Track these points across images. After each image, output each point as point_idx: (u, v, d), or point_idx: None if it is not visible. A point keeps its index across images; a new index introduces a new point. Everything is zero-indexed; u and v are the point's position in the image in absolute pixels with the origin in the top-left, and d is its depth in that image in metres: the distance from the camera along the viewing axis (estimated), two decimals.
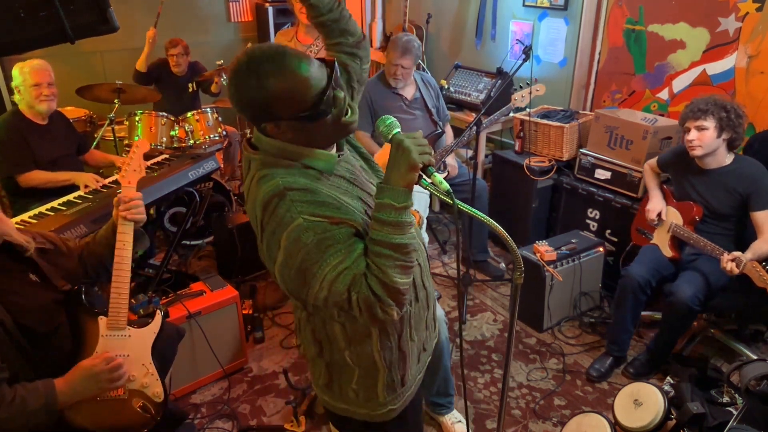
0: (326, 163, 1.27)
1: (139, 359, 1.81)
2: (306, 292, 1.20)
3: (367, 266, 1.18)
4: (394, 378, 1.43)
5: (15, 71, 2.97)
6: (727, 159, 2.65)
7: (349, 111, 1.26)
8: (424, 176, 1.21)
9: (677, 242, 2.79)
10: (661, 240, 2.85)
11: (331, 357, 1.41)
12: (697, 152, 2.60)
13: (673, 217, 2.80)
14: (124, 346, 1.80)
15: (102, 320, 1.80)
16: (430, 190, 1.22)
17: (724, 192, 2.63)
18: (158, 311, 1.91)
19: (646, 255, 2.84)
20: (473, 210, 1.24)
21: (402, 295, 1.19)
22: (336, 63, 1.23)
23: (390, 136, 1.23)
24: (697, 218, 2.70)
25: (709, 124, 2.53)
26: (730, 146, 2.62)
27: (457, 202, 1.21)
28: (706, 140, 2.56)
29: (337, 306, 1.21)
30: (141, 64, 4.22)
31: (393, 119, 1.27)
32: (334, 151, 1.32)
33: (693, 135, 2.57)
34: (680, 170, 2.79)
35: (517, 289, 1.37)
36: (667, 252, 2.79)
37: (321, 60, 1.23)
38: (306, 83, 1.17)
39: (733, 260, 2.41)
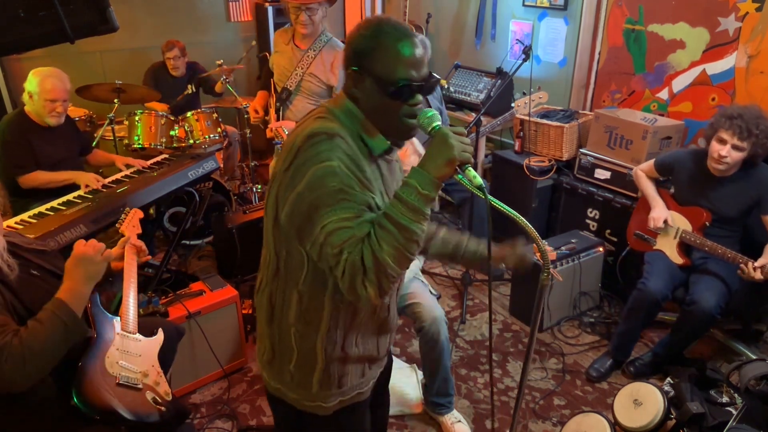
0: (377, 145, 1.33)
1: (149, 360, 1.94)
2: (308, 230, 1.23)
3: (368, 235, 1.20)
4: (331, 375, 1.43)
5: (32, 77, 2.95)
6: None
7: (418, 119, 1.31)
8: (459, 171, 1.23)
9: (685, 248, 2.73)
10: (667, 246, 2.77)
11: (279, 327, 1.42)
12: (722, 167, 2.54)
13: (680, 222, 2.73)
14: (137, 347, 1.93)
15: (117, 320, 1.93)
16: (463, 184, 1.24)
17: (735, 197, 2.60)
18: (160, 329, 2.05)
19: (657, 266, 2.72)
20: (505, 206, 1.23)
21: (387, 280, 1.19)
22: (439, 84, 1.28)
23: (430, 129, 1.26)
24: (707, 224, 2.65)
25: (747, 146, 2.47)
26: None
27: (490, 197, 1.22)
28: (736, 159, 2.51)
29: (325, 259, 1.22)
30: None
31: (434, 112, 1.29)
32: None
33: (726, 151, 2.50)
34: (688, 174, 2.72)
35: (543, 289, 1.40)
36: (677, 259, 2.72)
37: (431, 74, 1.32)
38: (403, 63, 1.26)
39: (760, 268, 2.38)
